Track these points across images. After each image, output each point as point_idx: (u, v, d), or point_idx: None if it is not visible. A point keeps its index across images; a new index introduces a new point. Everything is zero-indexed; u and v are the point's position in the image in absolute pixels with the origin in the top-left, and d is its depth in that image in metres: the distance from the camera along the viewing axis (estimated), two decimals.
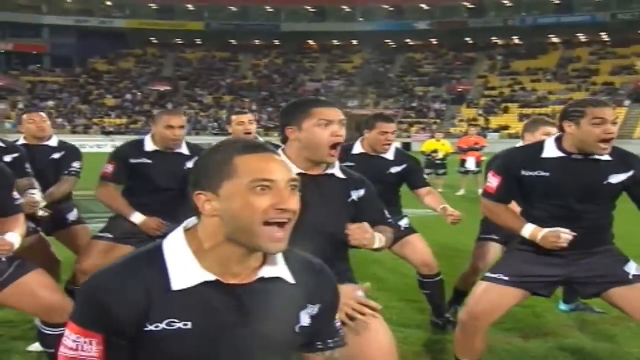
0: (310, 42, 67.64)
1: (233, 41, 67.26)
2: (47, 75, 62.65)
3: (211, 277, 1.64)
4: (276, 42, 67.66)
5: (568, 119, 3.39)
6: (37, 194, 4.42)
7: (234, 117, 5.64)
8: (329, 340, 1.82)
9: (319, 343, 1.80)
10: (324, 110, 2.78)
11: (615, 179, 3.44)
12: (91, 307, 1.61)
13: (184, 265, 1.64)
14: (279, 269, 1.73)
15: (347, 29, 64.93)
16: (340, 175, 2.89)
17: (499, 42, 64.03)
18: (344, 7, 66.18)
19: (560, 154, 3.44)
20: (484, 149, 16.08)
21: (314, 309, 1.77)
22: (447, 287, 5.04)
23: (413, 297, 5.43)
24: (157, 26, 66.21)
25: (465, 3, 62.90)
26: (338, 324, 1.87)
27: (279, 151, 2.72)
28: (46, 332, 3.58)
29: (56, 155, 5.03)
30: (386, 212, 3.10)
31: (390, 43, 66.00)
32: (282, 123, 2.85)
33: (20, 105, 54.46)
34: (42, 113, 5.23)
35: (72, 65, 64.75)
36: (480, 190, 5.84)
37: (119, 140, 12.09)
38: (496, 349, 4.55)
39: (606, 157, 3.44)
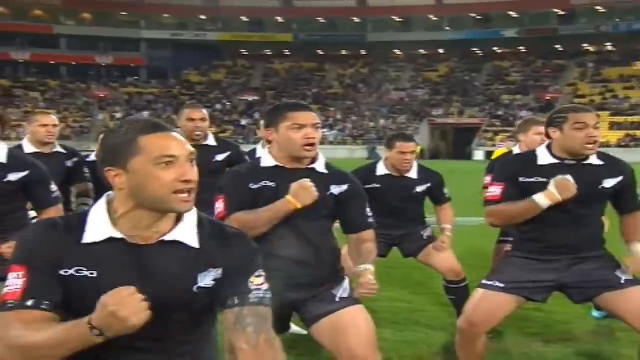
0: (396, 51, 67.40)
1: (320, 51, 67.81)
2: (143, 86, 64.86)
3: (117, 234, 1.83)
4: (362, 52, 67.80)
5: (552, 126, 3.47)
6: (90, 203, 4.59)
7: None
8: (237, 299, 1.87)
9: (228, 301, 1.87)
10: (298, 114, 2.97)
11: (608, 183, 3.48)
12: (20, 246, 1.87)
13: (97, 224, 1.84)
14: (182, 234, 1.88)
15: (434, 38, 64.45)
16: (321, 169, 3.06)
17: (590, 48, 61.99)
18: (431, 16, 65.66)
19: (553, 160, 3.49)
20: None
21: (217, 271, 1.88)
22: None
23: (447, 302, 5.45)
24: (248, 38, 67.51)
25: (555, 10, 61.27)
26: (256, 287, 1.92)
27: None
28: None
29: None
30: (368, 211, 3.20)
31: (477, 51, 65.08)
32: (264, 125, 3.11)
33: (118, 115, 56.81)
34: (53, 116, 5.19)
35: (167, 77, 66.77)
36: None
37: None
38: (514, 353, 4.60)
39: (598, 162, 3.49)
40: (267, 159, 3.06)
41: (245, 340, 1.83)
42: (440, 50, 65.92)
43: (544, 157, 3.50)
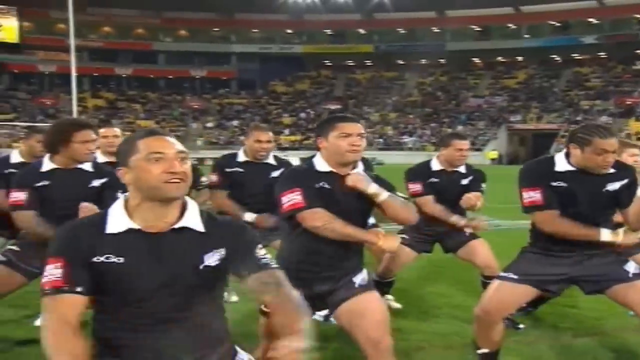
0: (475, 59, 66.58)
1: (400, 61, 67.65)
2: (233, 97, 66.32)
3: (135, 226, 2.08)
4: (441, 60, 67.23)
5: (575, 143, 3.48)
6: None
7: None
8: (251, 268, 2.17)
9: (244, 272, 2.16)
10: (345, 124, 3.14)
11: (613, 186, 3.53)
12: (57, 241, 2.10)
13: (117, 218, 2.10)
14: (189, 221, 2.13)
15: (513, 46, 63.44)
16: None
17: None
18: (510, 24, 64.58)
19: (570, 167, 3.53)
20: None
21: (220, 252, 2.13)
22: None
23: None
24: (331, 50, 68.21)
25: (636, 15, 58.95)
26: (262, 256, 2.22)
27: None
28: None
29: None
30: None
31: (556, 58, 63.48)
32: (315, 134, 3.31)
33: (210, 125, 58.37)
34: (116, 129, 5.43)
35: (255, 88, 68.08)
36: None
37: (292, 156, 12.43)
38: (542, 345, 4.62)
39: (610, 170, 3.53)
40: (321, 165, 3.23)
41: (270, 297, 2.17)
42: (519, 58, 64.64)
43: (561, 165, 3.55)
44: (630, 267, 3.59)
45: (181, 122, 60.97)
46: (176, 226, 2.10)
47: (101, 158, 4.97)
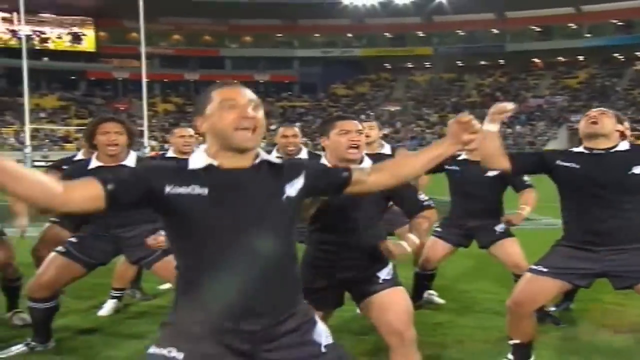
0: (536, 60, 65.26)
1: (459, 63, 66.83)
2: (296, 100, 66.66)
3: (214, 162, 2.09)
4: (501, 61, 66.15)
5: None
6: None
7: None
8: (343, 174, 2.36)
9: (339, 180, 2.35)
10: (343, 122, 3.24)
11: (638, 169, 3.54)
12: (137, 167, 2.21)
13: (198, 158, 2.12)
14: (266, 156, 2.18)
15: (574, 46, 61.74)
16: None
17: None
18: (571, 24, 62.99)
19: (583, 150, 3.67)
20: None
21: (298, 181, 2.20)
22: None
23: None
24: (391, 53, 67.81)
25: None
26: (340, 170, 2.39)
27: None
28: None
29: None
30: (421, 196, 3.38)
31: (619, 57, 61.48)
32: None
33: (273, 127, 58.90)
34: (189, 129, 5.58)
35: (317, 91, 68.21)
36: None
37: None
38: (581, 341, 4.63)
39: (624, 147, 3.61)
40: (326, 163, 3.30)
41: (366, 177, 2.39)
42: (580, 57, 62.94)
43: (576, 147, 3.75)
44: None
45: None
46: (257, 161, 2.15)
47: (171, 155, 5.31)
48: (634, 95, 55.36)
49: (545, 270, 3.70)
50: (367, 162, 3.29)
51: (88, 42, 64.98)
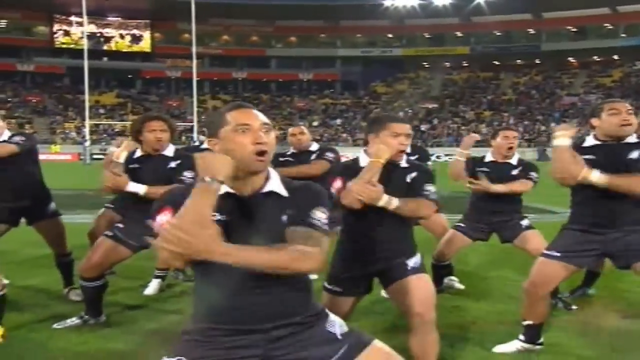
0: (570, 59, 64.04)
1: (495, 62, 66.03)
2: (337, 98, 66.65)
3: (231, 190, 2.10)
4: (537, 61, 65.15)
5: (593, 116, 3.71)
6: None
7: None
8: (302, 221, 2.10)
9: (293, 222, 2.10)
10: (395, 125, 3.26)
11: (634, 155, 3.59)
12: (170, 197, 2.13)
13: None
14: (274, 186, 2.16)
15: (609, 45, 60.51)
16: (404, 165, 3.36)
17: None
18: (606, 24, 61.64)
19: (597, 142, 3.70)
20: None
21: (292, 211, 2.12)
22: None
23: None
24: (429, 52, 67.21)
25: None
26: (314, 218, 2.12)
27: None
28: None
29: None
30: (430, 188, 3.35)
31: None
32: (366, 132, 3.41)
33: (315, 124, 59.07)
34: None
35: (357, 89, 68.24)
36: None
37: None
38: (587, 324, 4.62)
39: (634, 140, 3.63)
40: (365, 160, 3.34)
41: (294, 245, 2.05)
42: (615, 57, 61.55)
43: (590, 141, 3.74)
44: None
45: (290, 121, 61.94)
46: (264, 190, 2.15)
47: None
48: None
49: (557, 254, 3.78)
50: (404, 158, 3.37)
51: (144, 43, 66.09)
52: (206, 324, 2.12)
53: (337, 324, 2.21)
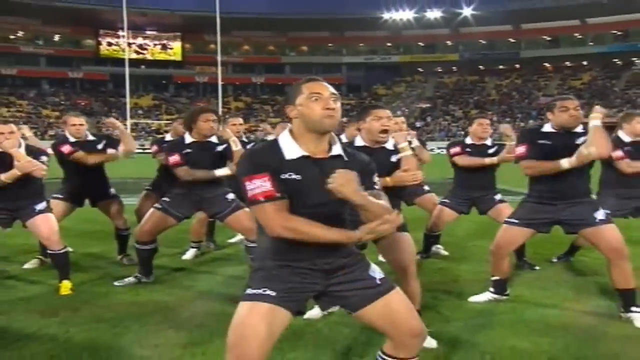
0: (546, 64, 63.55)
1: (481, 67, 65.53)
2: (343, 99, 64.09)
3: (305, 153, 2.11)
4: (516, 66, 64.63)
5: (549, 111, 3.79)
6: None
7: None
8: (370, 187, 2.16)
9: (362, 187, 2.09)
10: (377, 110, 3.31)
11: (579, 141, 3.69)
12: (253, 164, 2.07)
13: (290, 147, 2.13)
14: (338, 150, 2.19)
15: (578, 52, 60.14)
16: (389, 147, 3.41)
17: None
18: (576, 34, 61.18)
19: (553, 130, 3.79)
20: None
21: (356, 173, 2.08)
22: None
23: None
24: (423, 59, 66.90)
25: None
26: (375, 183, 2.25)
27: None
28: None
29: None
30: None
31: (617, 62, 59.37)
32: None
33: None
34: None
35: (361, 91, 67.69)
36: None
37: None
38: (547, 280, 4.72)
39: (580, 129, 3.73)
40: (360, 142, 3.44)
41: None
42: (584, 62, 61.09)
43: (547, 128, 3.82)
44: (599, 214, 3.74)
45: None
46: (333, 153, 2.17)
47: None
48: (630, 95, 53.46)
49: (517, 221, 3.95)
50: (390, 143, 3.44)
51: (176, 53, 66.18)
52: (276, 261, 2.16)
53: (377, 271, 2.27)
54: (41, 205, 4.54)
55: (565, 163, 3.66)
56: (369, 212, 2.06)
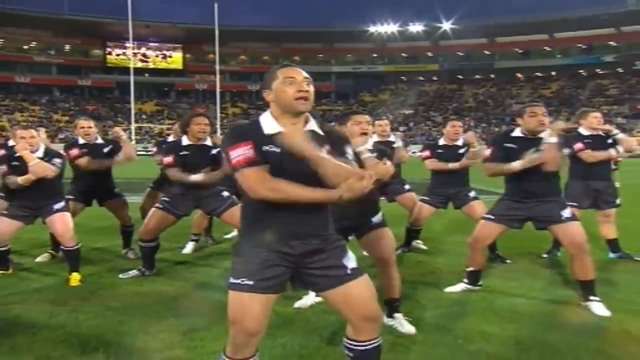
0: (518, 75, 63.96)
1: (459, 76, 65.89)
2: (332, 106, 65.73)
3: (281, 129, 2.05)
4: (491, 76, 65.02)
5: (519, 116, 3.81)
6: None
7: (378, 121, 5.58)
8: (345, 160, 2.07)
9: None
10: (356, 116, 3.23)
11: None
12: (237, 135, 2.04)
13: (269, 124, 2.09)
14: (314, 126, 2.14)
15: (548, 64, 60.65)
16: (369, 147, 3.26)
17: None
18: (545, 47, 61.68)
19: (521, 135, 3.81)
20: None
21: (328, 146, 2.09)
22: None
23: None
24: (406, 69, 67.12)
25: None
26: (348, 153, 2.16)
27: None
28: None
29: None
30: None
31: (582, 73, 59.90)
32: None
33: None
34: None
35: (349, 98, 67.57)
36: (618, 184, 5.67)
37: None
38: (519, 271, 4.72)
39: (544, 135, 3.72)
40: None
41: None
42: (553, 73, 61.54)
43: (517, 132, 3.84)
44: (566, 212, 3.77)
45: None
46: (307, 128, 2.13)
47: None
48: (594, 103, 53.90)
49: (493, 217, 3.98)
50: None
51: (176, 62, 65.89)
52: (252, 246, 2.10)
53: (351, 260, 2.18)
54: (59, 205, 4.58)
55: (517, 165, 3.73)
56: (327, 169, 1.96)
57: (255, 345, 2.12)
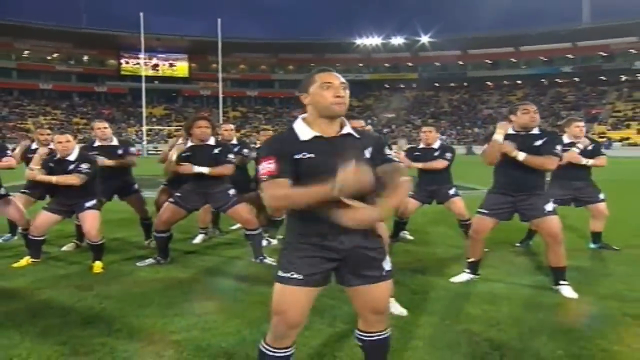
0: (488, 83, 64.15)
1: (436, 84, 65.81)
2: None
3: (318, 133, 1.93)
4: (465, 84, 65.15)
5: (512, 113, 3.78)
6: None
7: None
8: (385, 159, 2.00)
9: (379, 162, 1.98)
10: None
11: (538, 142, 3.67)
12: (267, 149, 1.93)
13: (303, 130, 1.95)
14: (349, 130, 1.98)
15: (514, 73, 60.82)
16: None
17: (626, 78, 55.29)
18: (512, 59, 61.89)
19: (513, 132, 3.76)
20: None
21: (370, 149, 1.98)
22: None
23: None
24: (389, 77, 66.89)
25: (599, 53, 55.59)
26: (389, 154, 2.03)
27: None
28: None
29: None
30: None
31: (544, 82, 60.25)
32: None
33: None
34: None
35: None
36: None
37: None
38: (518, 266, 4.69)
39: (537, 132, 3.71)
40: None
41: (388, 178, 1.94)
42: (518, 81, 61.75)
43: (510, 131, 3.78)
44: (548, 206, 3.72)
45: (280, 127, 61.34)
46: (344, 132, 1.98)
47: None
48: (554, 108, 54.42)
49: (486, 212, 3.91)
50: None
51: (182, 71, 65.36)
52: (298, 241, 1.98)
53: (388, 263, 2.06)
54: (90, 203, 4.53)
55: (498, 137, 3.69)
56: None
57: (294, 337, 2.00)
